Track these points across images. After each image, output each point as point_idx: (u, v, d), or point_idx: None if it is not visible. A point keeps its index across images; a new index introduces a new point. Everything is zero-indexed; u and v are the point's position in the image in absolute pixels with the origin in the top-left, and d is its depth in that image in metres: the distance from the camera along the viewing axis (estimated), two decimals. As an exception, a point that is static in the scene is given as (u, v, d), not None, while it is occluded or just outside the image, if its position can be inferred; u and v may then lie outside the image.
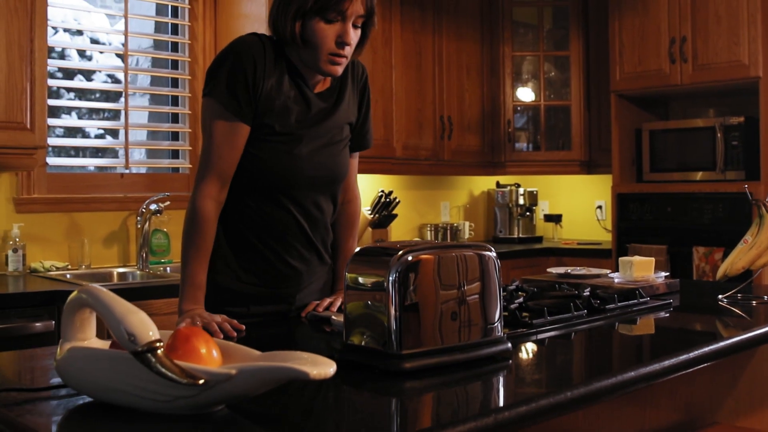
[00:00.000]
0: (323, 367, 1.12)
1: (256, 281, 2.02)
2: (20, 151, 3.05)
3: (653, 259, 2.53)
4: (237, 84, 1.87)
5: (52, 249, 3.54)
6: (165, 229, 3.81)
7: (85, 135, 3.94)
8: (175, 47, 4.09)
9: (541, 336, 1.82)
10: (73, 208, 3.60)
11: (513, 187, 5.36)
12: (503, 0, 5.06)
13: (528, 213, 5.35)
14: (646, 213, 4.45)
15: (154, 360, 1.12)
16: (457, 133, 4.90)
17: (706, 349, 1.70)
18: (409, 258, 1.46)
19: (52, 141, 3.60)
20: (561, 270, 2.71)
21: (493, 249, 1.59)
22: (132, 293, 2.99)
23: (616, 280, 2.51)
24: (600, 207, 5.34)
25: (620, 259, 2.54)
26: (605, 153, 4.85)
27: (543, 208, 5.63)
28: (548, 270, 2.77)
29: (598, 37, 4.92)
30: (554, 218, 5.41)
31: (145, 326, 1.15)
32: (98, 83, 3.88)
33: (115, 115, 3.91)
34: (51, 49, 3.60)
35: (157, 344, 1.14)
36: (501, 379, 1.50)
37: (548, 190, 5.62)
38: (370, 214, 4.64)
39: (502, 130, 5.10)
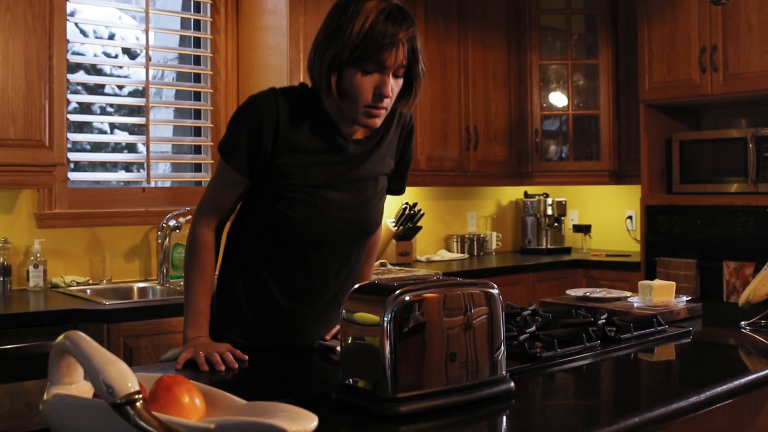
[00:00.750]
0: (303, 423, 1.08)
1: (270, 329, 1.98)
2: (39, 168, 3.07)
3: (674, 283, 2.46)
4: (240, 138, 1.83)
5: (73, 264, 3.55)
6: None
7: (114, 148, 3.94)
8: (197, 60, 4.09)
9: (550, 370, 1.77)
10: (95, 223, 3.61)
11: (541, 197, 5.29)
12: (531, 8, 4.98)
13: (556, 223, 5.27)
14: (676, 225, 4.35)
15: (132, 413, 1.09)
16: (484, 144, 4.84)
17: (725, 387, 1.63)
18: (406, 298, 1.41)
19: (73, 156, 3.61)
20: (580, 292, 2.64)
21: (495, 286, 1.54)
22: (150, 311, 3.00)
23: (635, 305, 2.44)
24: (630, 217, 5.24)
25: (640, 283, 2.47)
26: (635, 163, 4.75)
27: (572, 218, 5.54)
28: (567, 292, 2.71)
29: (628, 45, 4.83)
30: (583, 229, 5.32)
31: (123, 378, 1.12)
32: (120, 98, 3.89)
33: (138, 128, 3.92)
34: (76, 65, 3.62)
35: (136, 396, 1.11)
36: (503, 423, 1.45)
37: (577, 200, 5.53)
38: (395, 227, 4.60)
39: (530, 140, 5.03)
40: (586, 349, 1.91)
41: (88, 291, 3.38)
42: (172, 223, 3.63)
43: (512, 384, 1.53)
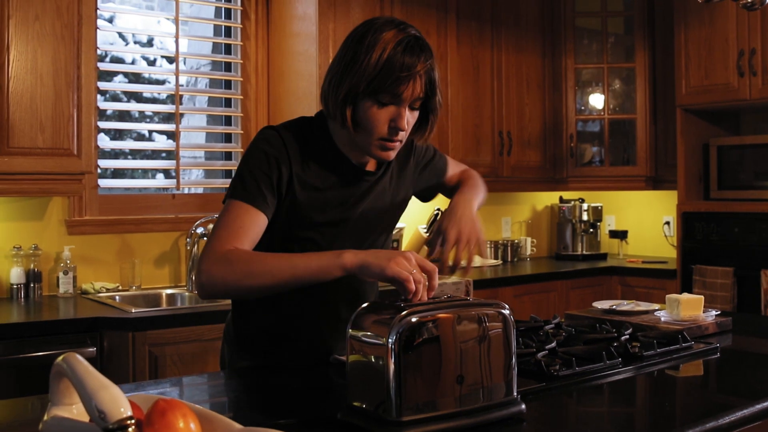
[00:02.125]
0: (294, 452, 1.06)
1: (287, 348, 1.93)
2: (67, 176, 3.10)
3: (702, 297, 2.38)
4: (257, 177, 1.73)
5: (103, 270, 3.58)
6: (216, 249, 3.82)
7: (152, 155, 3.97)
8: (228, 67, 4.10)
9: (568, 390, 1.72)
10: (125, 230, 3.64)
11: (577, 202, 5.20)
12: (566, 11, 4.91)
13: (591, 229, 5.19)
14: (713, 233, 4.24)
15: (123, 438, 1.08)
16: (517, 149, 4.78)
17: (749, 410, 1.57)
18: (413, 319, 1.39)
19: (104, 163, 3.65)
20: (606, 305, 2.58)
21: (506, 306, 1.51)
22: (176, 320, 3.01)
23: (662, 319, 2.38)
24: (668, 223, 5.13)
25: (667, 296, 2.40)
26: (672, 168, 4.65)
27: (609, 223, 5.45)
28: (594, 304, 2.65)
29: (665, 48, 4.73)
30: (619, 234, 5.23)
31: (116, 403, 1.11)
32: (149, 105, 3.91)
33: (169, 135, 3.94)
34: (105, 72, 3.66)
35: (128, 422, 1.09)
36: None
37: (614, 205, 5.44)
38: (426, 233, 4.57)
39: (565, 145, 4.96)
40: (606, 367, 1.86)
41: (117, 298, 3.40)
42: (200, 230, 3.63)
43: (523, 406, 1.49)
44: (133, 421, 1.10)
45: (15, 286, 3.30)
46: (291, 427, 1.46)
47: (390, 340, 1.36)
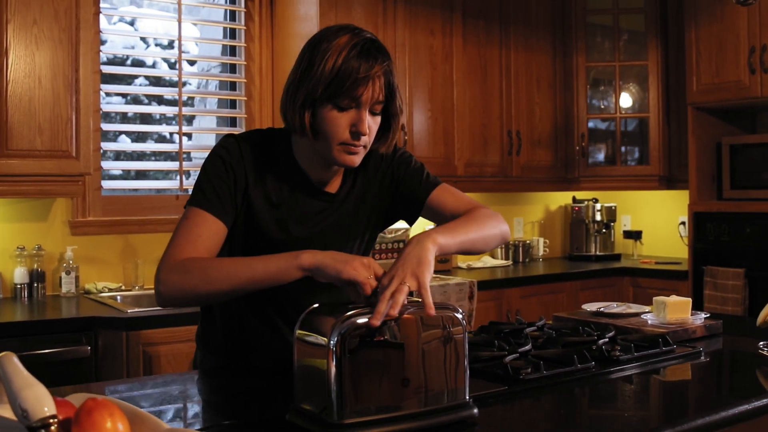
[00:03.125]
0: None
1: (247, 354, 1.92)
2: (66, 178, 3.14)
3: (689, 299, 2.34)
4: (215, 184, 1.71)
5: (107, 270, 3.62)
6: (219, 250, 3.84)
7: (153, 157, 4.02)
8: (233, 69, 4.13)
9: (531, 394, 1.70)
10: (128, 230, 3.68)
11: (590, 202, 5.15)
12: (576, 8, 4.86)
13: (605, 229, 5.12)
14: (724, 233, 4.17)
15: (45, 437, 1.09)
16: (527, 149, 4.74)
17: (711, 418, 1.53)
18: (356, 321, 1.38)
19: (106, 164, 3.69)
20: (594, 307, 2.55)
21: (459, 309, 1.49)
22: (170, 319, 3.02)
23: (649, 322, 2.34)
24: (683, 223, 5.05)
25: (654, 299, 2.36)
26: (686, 168, 4.57)
27: (625, 223, 5.38)
28: (583, 306, 2.62)
29: (678, 45, 4.65)
30: (633, 235, 5.16)
31: (39, 402, 1.12)
32: (152, 107, 3.95)
33: (171, 136, 3.98)
34: (109, 75, 3.70)
35: (51, 420, 1.10)
36: (458, 450, 1.40)
37: (629, 205, 5.37)
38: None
39: (576, 144, 4.90)
40: (576, 371, 1.83)
41: (119, 298, 3.44)
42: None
43: (475, 410, 1.47)
44: (55, 420, 1.11)
45: (18, 286, 3.35)
46: (236, 428, 1.46)
47: (331, 342, 1.36)
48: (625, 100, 4.95)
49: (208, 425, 1.45)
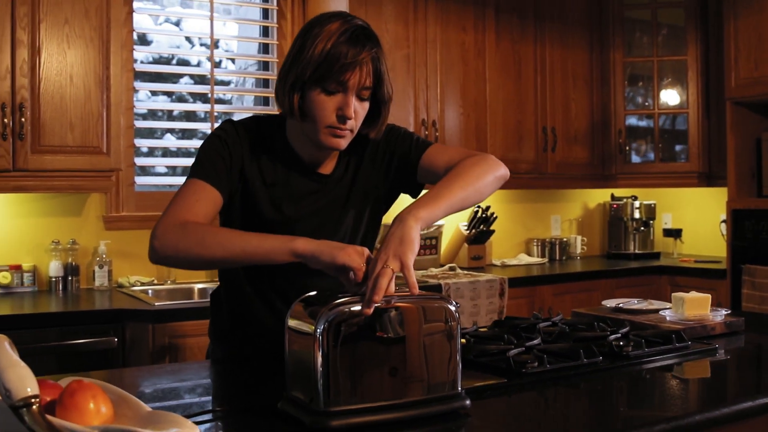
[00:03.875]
0: (178, 435, 1.08)
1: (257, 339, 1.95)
2: (97, 173, 3.21)
3: (709, 296, 2.29)
4: (213, 159, 1.77)
5: (139, 265, 3.69)
6: (251, 245, 3.89)
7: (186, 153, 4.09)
8: (266, 66, 4.17)
9: (531, 387, 1.68)
10: (161, 225, 3.74)
11: (629, 200, 5.07)
12: (614, 4, 4.79)
13: (643, 227, 5.04)
14: (763, 231, 4.07)
15: (27, 416, 1.12)
16: (562, 145, 4.69)
17: (701, 417, 1.50)
18: (343, 309, 1.38)
19: (140, 161, 3.76)
20: (613, 303, 2.51)
21: (451, 301, 1.49)
22: (195, 312, 3.07)
23: (667, 318, 2.30)
24: (725, 221, 4.93)
25: (673, 294, 2.32)
26: (726, 164, 4.47)
27: (666, 221, 5.29)
28: (603, 302, 2.58)
29: (719, 40, 4.55)
30: (673, 233, 5.07)
31: (22, 382, 1.15)
32: (184, 104, 4.02)
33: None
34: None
35: (33, 400, 1.13)
36: (446, 440, 1.39)
37: (670, 203, 5.27)
38: (467, 230, 4.53)
39: (613, 141, 4.83)
40: (582, 365, 1.81)
41: (150, 291, 3.50)
42: (227, 226, 3.71)
43: (467, 401, 1.47)
44: (37, 400, 1.14)
45: (53, 279, 3.44)
46: (227, 414, 1.48)
47: (318, 330, 1.37)
48: (664, 96, 4.86)
49: (199, 411, 1.47)
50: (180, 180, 3.90)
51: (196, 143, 4.00)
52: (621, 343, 1.97)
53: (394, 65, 3.99)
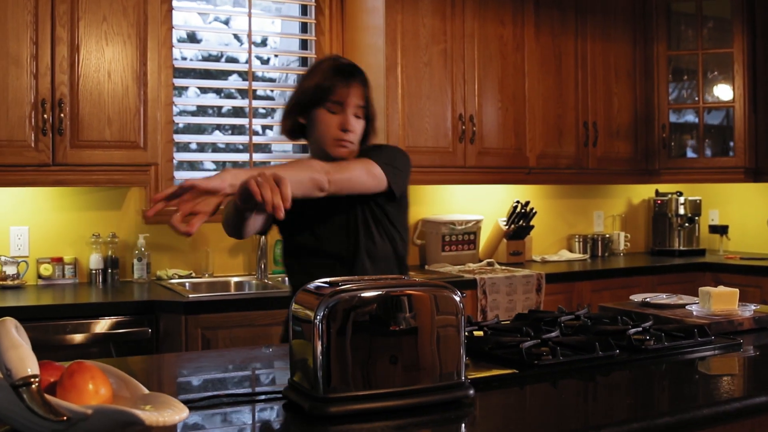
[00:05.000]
0: (168, 415, 1.10)
1: None
2: (134, 168, 3.28)
3: (737, 290, 2.24)
4: None
5: (178, 258, 3.76)
6: (287, 240, 3.93)
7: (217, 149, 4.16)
8: (304, 62, 4.21)
9: (541, 378, 1.67)
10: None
11: (674, 196, 4.97)
12: (658, -4, 4.70)
13: (688, 223, 4.94)
14: (810, 228, 3.94)
15: (26, 395, 1.16)
16: (604, 140, 4.62)
17: (692, 414, 1.46)
18: (343, 296, 1.39)
19: (178, 156, 3.83)
20: (641, 297, 2.48)
21: (456, 291, 1.49)
22: (227, 305, 3.12)
23: (694, 313, 2.26)
24: (774, 218, 4.81)
25: (700, 289, 2.28)
26: (773, 159, 4.37)
27: (713, 217, 5.17)
28: (630, 297, 2.55)
29: (765, 32, 4.44)
30: (719, 229, 4.95)
31: (22, 362, 1.19)
32: (225, 100, 4.08)
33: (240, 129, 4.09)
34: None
35: (32, 380, 1.17)
36: (446, 429, 1.39)
37: (717, 199, 5.15)
38: (506, 225, 4.50)
39: (657, 136, 4.75)
40: (597, 358, 1.79)
41: (187, 284, 3.57)
42: (262, 220, 3.75)
43: (471, 391, 1.47)
44: (37, 380, 1.18)
45: (94, 272, 3.53)
46: (238, 397, 1.51)
47: (317, 317, 1.38)
48: (709, 90, 4.76)
49: (200, 397, 1.49)
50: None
51: (240, 139, 4.06)
52: (640, 337, 1.94)
53: (431, 60, 3.98)
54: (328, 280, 1.50)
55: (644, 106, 4.76)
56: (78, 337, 2.92)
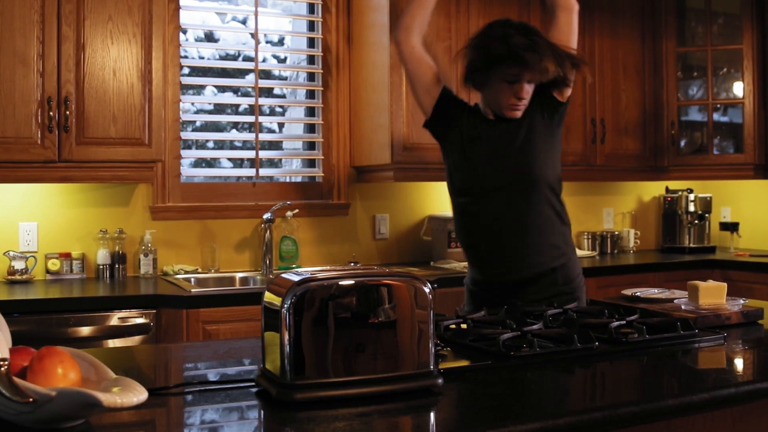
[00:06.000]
0: (126, 397, 1.14)
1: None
2: (139, 164, 3.34)
3: (725, 284, 2.24)
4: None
5: (184, 254, 3.82)
6: (293, 236, 3.97)
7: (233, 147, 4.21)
8: (311, 60, 4.25)
9: (514, 369, 1.69)
10: (206, 216, 3.86)
11: (684, 193, 4.95)
12: (666, -8, 4.68)
13: (698, 221, 4.91)
14: (818, 225, 3.91)
15: (-6, 378, 1.21)
16: (612, 137, 4.61)
17: (642, 408, 1.46)
18: (310, 285, 1.43)
19: (186, 153, 3.89)
20: (629, 292, 2.49)
21: (424, 281, 1.51)
22: (229, 299, 3.17)
23: (682, 307, 2.26)
24: (786, 215, 4.78)
25: (688, 283, 2.29)
26: (784, 156, 4.33)
27: (724, 215, 5.14)
28: (622, 291, 2.56)
29: (776, 27, 4.41)
30: (730, 227, 4.92)
31: (-8, 347, 1.23)
32: (232, 97, 4.13)
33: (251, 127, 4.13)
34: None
35: (1, 363, 1.22)
36: (409, 416, 1.42)
37: (728, 196, 5.12)
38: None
39: (666, 132, 4.73)
40: (574, 350, 1.81)
41: (192, 280, 3.62)
42: (265, 216, 3.80)
43: (439, 380, 1.49)
44: (5, 363, 1.22)
45: (101, 267, 3.59)
46: (211, 384, 1.55)
47: (284, 306, 1.41)
48: (718, 86, 4.73)
49: (178, 384, 1.53)
50: (241, 172, 4.05)
51: (246, 136, 4.11)
52: (626, 330, 1.96)
53: (435, 57, 3.99)
54: (299, 270, 1.53)
55: (653, 102, 4.74)
56: (83, 330, 2.98)
